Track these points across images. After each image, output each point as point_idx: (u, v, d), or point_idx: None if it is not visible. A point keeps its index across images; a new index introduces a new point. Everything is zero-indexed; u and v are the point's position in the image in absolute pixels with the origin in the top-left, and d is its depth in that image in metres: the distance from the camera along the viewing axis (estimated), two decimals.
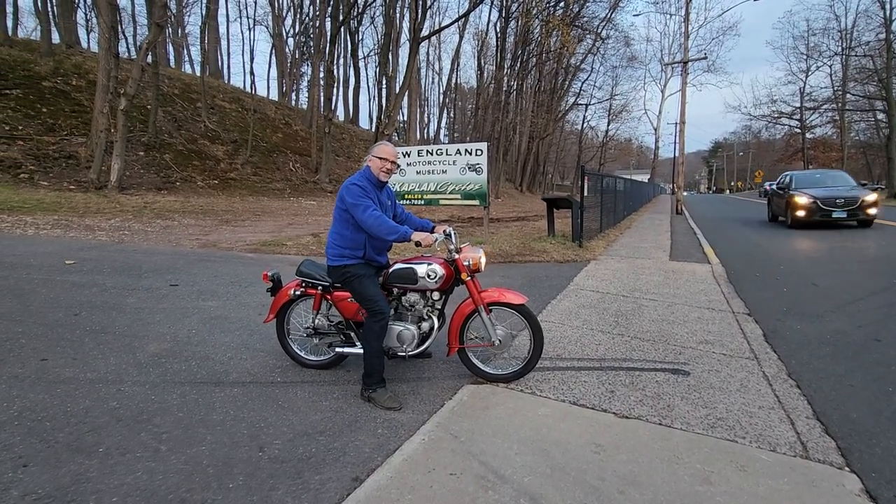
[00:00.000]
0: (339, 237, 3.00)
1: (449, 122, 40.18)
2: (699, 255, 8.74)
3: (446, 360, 3.50)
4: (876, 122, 42.95)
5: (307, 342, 3.41)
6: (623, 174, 33.94)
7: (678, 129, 20.71)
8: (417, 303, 3.11)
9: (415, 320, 3.14)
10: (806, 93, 46.91)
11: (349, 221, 2.93)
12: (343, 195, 2.91)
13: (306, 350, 3.44)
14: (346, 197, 2.88)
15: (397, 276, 3.05)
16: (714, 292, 5.88)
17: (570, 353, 3.79)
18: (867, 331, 4.37)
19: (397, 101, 17.88)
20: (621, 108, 42.42)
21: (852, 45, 38.99)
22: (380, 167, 3.01)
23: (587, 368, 3.48)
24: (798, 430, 2.67)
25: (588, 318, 4.68)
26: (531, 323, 3.08)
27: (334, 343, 3.29)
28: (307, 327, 3.32)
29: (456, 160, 8.94)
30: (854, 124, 46.36)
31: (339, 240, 2.99)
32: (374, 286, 2.96)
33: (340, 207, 2.96)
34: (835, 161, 51.14)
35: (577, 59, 34.12)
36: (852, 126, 46.47)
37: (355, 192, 2.87)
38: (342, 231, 2.98)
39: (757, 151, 77.55)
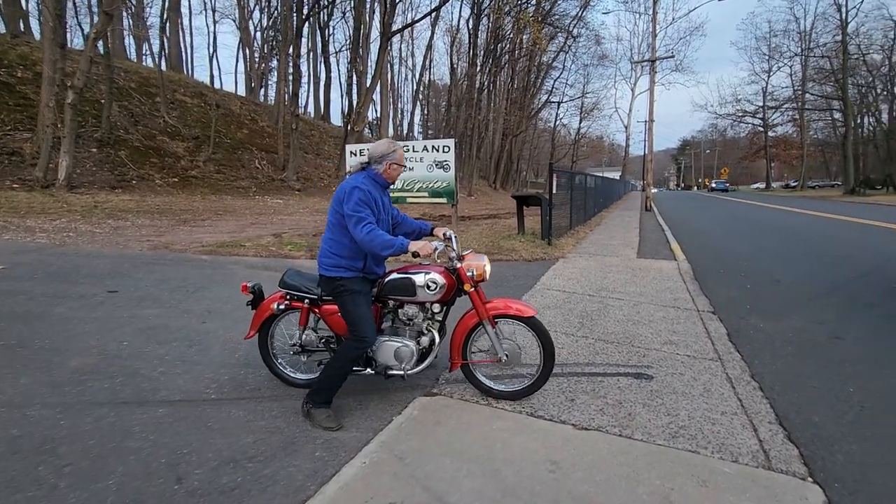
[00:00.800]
0: (336, 245, 2.67)
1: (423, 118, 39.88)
2: (666, 251, 8.76)
3: None
4: (833, 122, 44.78)
5: (295, 359, 3.11)
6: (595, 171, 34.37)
7: (647, 126, 20.99)
8: (416, 316, 2.81)
9: (413, 335, 2.85)
10: (768, 92, 48.57)
11: (345, 227, 2.61)
12: (341, 199, 2.58)
13: (294, 367, 3.13)
14: (344, 203, 2.56)
15: (393, 288, 2.75)
16: (680, 290, 5.84)
17: (531, 358, 3.62)
18: (828, 328, 4.36)
19: (367, 97, 17.50)
20: (593, 106, 42.99)
21: (811, 46, 40.49)
22: (399, 173, 2.82)
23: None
24: (761, 437, 2.56)
25: (552, 320, 4.53)
26: (541, 336, 2.82)
27: (324, 361, 2.99)
28: (293, 344, 3.00)
29: (423, 157, 8.70)
30: (813, 123, 48.21)
31: (337, 248, 2.67)
32: (367, 307, 2.68)
33: (337, 212, 2.62)
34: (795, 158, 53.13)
35: (549, 56, 34.29)
36: (811, 125, 48.32)
37: (355, 201, 2.54)
38: (340, 239, 2.66)
39: (723, 149, 79.90)
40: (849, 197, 30.98)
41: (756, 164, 65.15)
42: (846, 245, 9.36)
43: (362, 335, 2.61)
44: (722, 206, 25.98)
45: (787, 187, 55.41)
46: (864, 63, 39.65)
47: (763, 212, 19.96)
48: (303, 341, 2.97)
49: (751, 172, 75.98)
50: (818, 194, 38.11)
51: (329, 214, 2.73)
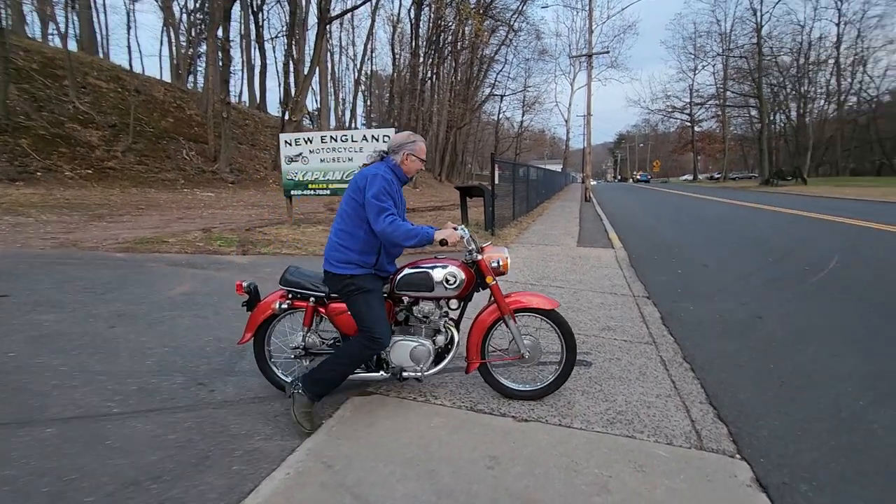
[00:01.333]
0: (349, 238, 2.47)
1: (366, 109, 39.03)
2: (605, 240, 9.03)
3: None
4: (750, 118, 48.54)
5: (294, 365, 2.84)
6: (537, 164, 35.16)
7: (586, 120, 21.65)
8: (432, 313, 2.63)
9: (429, 334, 2.67)
10: (694, 90, 51.81)
11: (366, 220, 2.42)
12: (361, 187, 2.41)
13: (292, 373, 2.86)
14: (369, 189, 2.37)
15: (408, 283, 2.56)
16: (617, 277, 5.99)
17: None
18: (750, 308, 4.60)
19: (305, 86, 16.76)
20: (534, 100, 44.04)
21: (731, 47, 43.54)
22: (418, 167, 2.64)
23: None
24: (693, 417, 2.61)
25: None
26: (563, 330, 2.72)
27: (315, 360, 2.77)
28: (296, 347, 2.72)
29: (363, 147, 8.41)
30: (733, 119, 52.05)
31: (350, 241, 2.47)
32: (380, 306, 2.51)
33: (356, 200, 2.43)
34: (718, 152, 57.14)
35: (491, 49, 34.59)
36: (732, 121, 52.14)
37: (378, 189, 2.37)
38: (354, 231, 2.46)
39: (655, 143, 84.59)
40: (764, 187, 33.70)
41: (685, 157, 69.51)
42: (763, 231, 10.08)
43: (376, 336, 2.43)
44: (654, 196, 27.44)
45: (711, 179, 59.56)
46: (776, 64, 43.21)
47: (691, 201, 21.26)
48: (307, 344, 2.71)
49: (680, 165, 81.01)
50: (738, 185, 41.18)
51: (343, 203, 2.51)
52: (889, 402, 2.73)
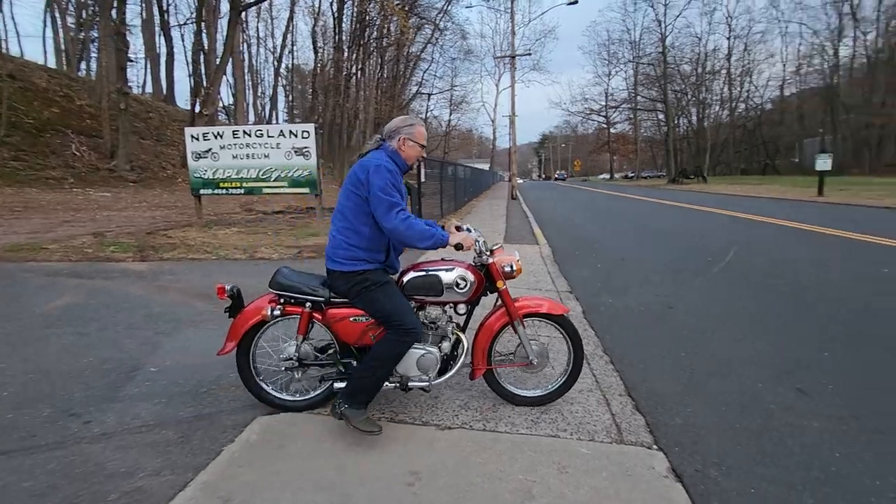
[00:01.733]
0: (353, 235, 2.28)
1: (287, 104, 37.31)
2: (530, 237, 9.24)
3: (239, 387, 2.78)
4: (658, 121, 52.61)
5: (282, 377, 2.60)
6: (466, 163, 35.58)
7: (510, 120, 22.19)
8: (439, 318, 2.51)
9: (436, 340, 2.50)
10: (609, 94, 55.13)
11: (370, 215, 2.24)
12: (361, 181, 2.22)
13: (281, 387, 2.61)
14: (373, 182, 2.18)
15: (417, 287, 2.40)
16: (542, 273, 6.09)
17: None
18: (662, 299, 4.85)
19: (217, 77, 15.59)
20: (461, 100, 44.58)
21: (640, 55, 46.86)
22: (418, 154, 2.42)
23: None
24: (613, 410, 2.63)
25: None
26: (571, 335, 2.64)
27: (327, 376, 2.53)
28: (287, 358, 2.47)
29: (280, 143, 7.91)
30: (644, 122, 56.14)
31: (355, 239, 2.28)
32: (402, 296, 2.35)
33: (358, 195, 2.24)
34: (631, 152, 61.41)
35: (417, 47, 34.49)
36: (642, 124, 56.23)
37: (386, 180, 2.19)
38: (359, 227, 2.27)
39: (576, 143, 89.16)
40: (671, 185, 36.67)
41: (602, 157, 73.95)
42: (672, 225, 10.86)
43: (409, 327, 2.25)
44: (576, 193, 28.85)
45: (626, 177, 63.86)
46: (678, 72, 47.16)
47: (608, 198, 22.58)
48: (300, 355, 2.47)
49: (598, 164, 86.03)
50: (649, 183, 44.47)
51: (342, 198, 2.31)
52: (783, 382, 2.94)
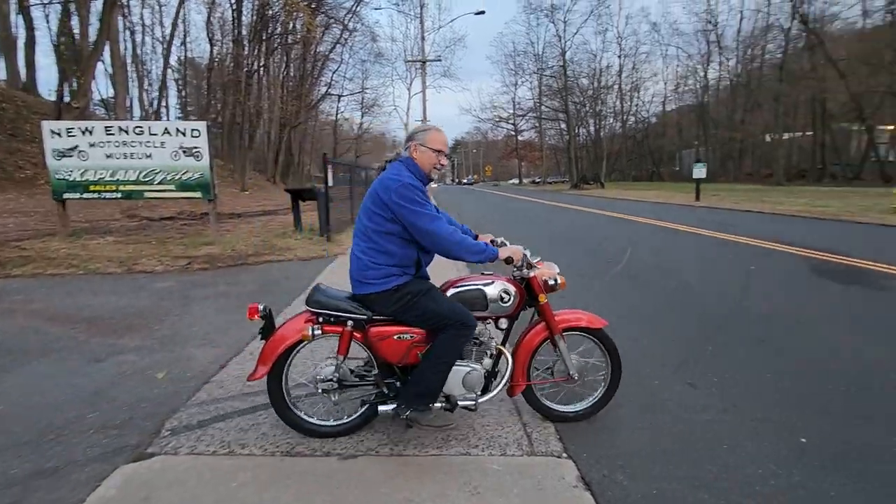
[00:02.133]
0: (380, 255, 2.21)
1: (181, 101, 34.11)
2: None
3: (100, 429, 2.34)
4: (560, 130, 56.12)
5: (318, 401, 2.48)
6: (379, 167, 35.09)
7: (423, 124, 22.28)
8: (482, 334, 2.42)
9: (479, 357, 2.44)
10: (516, 102, 57.76)
11: (397, 235, 2.19)
12: (385, 202, 2.14)
13: (315, 413, 2.44)
14: (398, 201, 2.11)
15: (462, 301, 2.32)
16: (452, 276, 6.04)
17: (294, 377, 3.06)
18: (567, 301, 5.00)
19: (89, 66, 13.68)
20: (373, 103, 43.89)
21: (543, 67, 49.71)
22: (434, 162, 2.29)
23: (311, 394, 2.82)
24: (524, 420, 2.59)
25: None
26: (609, 349, 2.59)
27: (365, 398, 2.39)
28: (326, 380, 2.32)
29: (165, 142, 7.08)
30: (548, 131, 59.60)
31: (382, 259, 2.21)
32: (444, 296, 2.30)
33: (381, 215, 2.18)
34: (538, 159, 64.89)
35: (325, 47, 33.39)
36: (547, 132, 59.67)
37: (413, 195, 2.13)
38: (385, 248, 2.20)
39: (486, 149, 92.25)
40: (573, 190, 39.27)
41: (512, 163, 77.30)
42: (575, 228, 11.50)
43: (463, 320, 2.20)
44: (488, 198, 29.73)
45: (534, 182, 67.33)
46: (577, 86, 50.74)
47: (518, 203, 23.54)
48: (341, 375, 2.34)
49: (508, 170, 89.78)
50: (554, 188, 47.22)
51: (364, 218, 2.24)
52: (676, 377, 3.11)
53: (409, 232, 2.17)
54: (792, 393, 2.87)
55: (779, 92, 38.21)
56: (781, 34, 39.91)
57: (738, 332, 3.92)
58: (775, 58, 41.82)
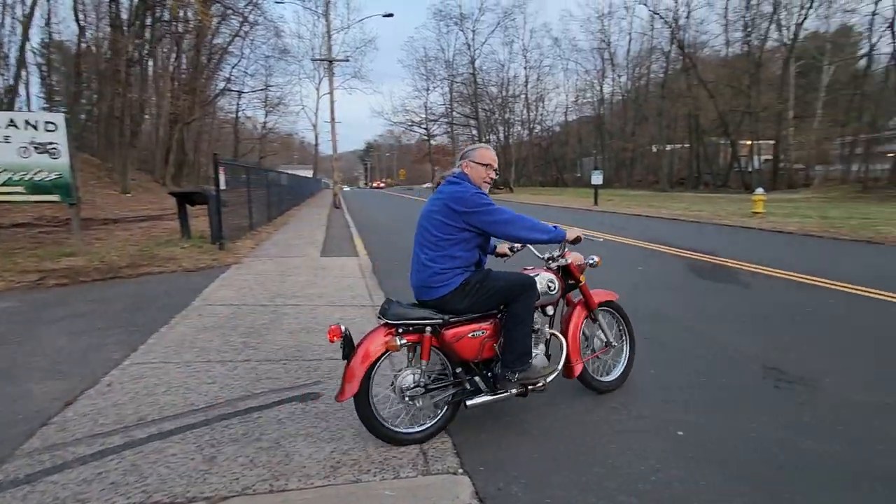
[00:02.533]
0: (447, 260, 2.42)
1: (46, 89, 29.63)
2: (350, 248, 8.90)
3: None
4: (472, 136, 57.59)
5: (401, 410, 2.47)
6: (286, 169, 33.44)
7: (332, 126, 21.54)
8: (535, 322, 2.62)
9: (536, 344, 2.66)
10: (428, 107, 58.25)
11: (465, 240, 2.44)
12: (467, 209, 2.38)
13: (400, 421, 2.46)
14: (473, 209, 2.38)
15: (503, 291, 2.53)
16: (360, 287, 5.82)
17: (165, 409, 2.68)
18: None
19: None
20: (278, 101, 41.59)
21: (454, 74, 50.71)
22: (483, 175, 2.55)
23: (185, 429, 2.48)
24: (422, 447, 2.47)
25: (207, 346, 3.63)
26: (623, 316, 3.11)
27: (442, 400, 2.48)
28: (411, 387, 2.38)
29: (10, 136, 6.01)
30: (460, 136, 60.87)
31: (450, 262, 2.42)
32: (502, 273, 2.53)
33: (451, 224, 2.41)
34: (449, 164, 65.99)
35: (223, 39, 31.03)
36: (459, 137, 60.93)
37: (482, 200, 2.41)
38: (453, 253, 2.43)
39: (400, 153, 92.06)
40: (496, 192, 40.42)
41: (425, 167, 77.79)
42: None
43: (527, 284, 2.50)
44: (400, 202, 29.59)
45: None
46: (487, 94, 52.48)
47: None
48: (426, 381, 2.44)
49: (421, 174, 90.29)
50: None
51: (430, 229, 2.47)
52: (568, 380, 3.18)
53: (486, 231, 2.48)
54: (673, 387, 3.07)
55: (661, 108, 42.70)
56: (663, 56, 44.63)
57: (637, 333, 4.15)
58: (658, 77, 46.66)
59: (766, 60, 36.44)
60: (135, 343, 3.64)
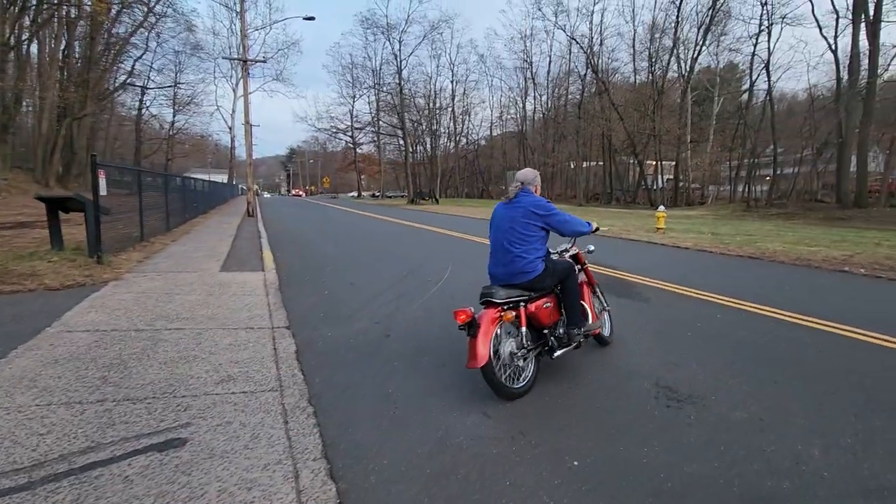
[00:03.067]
0: (532, 252, 3.31)
1: None
2: (256, 261, 8.27)
3: None
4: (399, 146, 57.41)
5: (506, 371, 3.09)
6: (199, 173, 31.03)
7: (246, 129, 20.31)
8: None
9: None
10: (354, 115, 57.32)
11: (542, 237, 3.39)
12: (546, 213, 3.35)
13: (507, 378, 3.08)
14: (550, 212, 3.37)
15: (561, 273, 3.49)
16: (260, 305, 5.35)
17: None
18: (382, 327, 4.77)
19: None
20: (189, 100, 38.59)
21: (381, 83, 50.36)
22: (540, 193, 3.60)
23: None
24: (301, 485, 2.20)
25: (52, 385, 3.05)
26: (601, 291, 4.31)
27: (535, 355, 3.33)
28: (517, 351, 3.14)
29: None
30: (387, 145, 60.49)
31: (533, 253, 3.31)
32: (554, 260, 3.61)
33: (535, 225, 3.34)
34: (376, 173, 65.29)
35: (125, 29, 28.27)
36: (386, 147, 60.52)
37: (552, 206, 3.41)
38: (536, 246, 3.35)
39: (325, 160, 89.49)
40: (410, 205, 40.33)
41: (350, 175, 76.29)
42: (405, 246, 11.53)
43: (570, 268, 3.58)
44: (321, 211, 28.55)
45: (373, 196, 67.49)
46: (414, 104, 52.66)
47: (352, 216, 23.04)
48: (525, 343, 3.19)
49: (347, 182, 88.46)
50: (392, 202, 47.94)
51: (518, 229, 3.32)
52: (473, 407, 3.05)
53: (556, 228, 3.41)
54: (572, 410, 3.04)
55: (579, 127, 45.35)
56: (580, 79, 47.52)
57: None
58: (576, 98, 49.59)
59: (667, 89, 40.13)
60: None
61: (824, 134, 31.78)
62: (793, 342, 4.33)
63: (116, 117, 35.57)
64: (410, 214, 25.84)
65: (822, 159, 34.14)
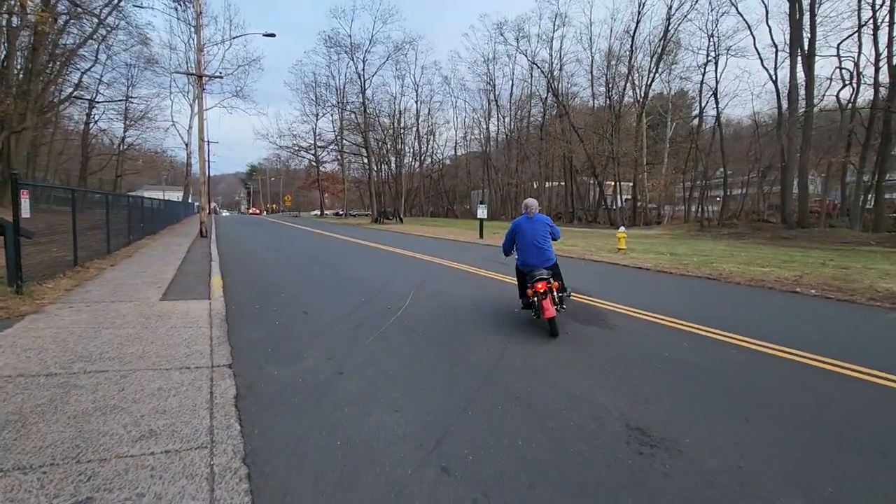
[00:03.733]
0: (550, 248, 5.74)
1: None
2: (203, 287, 7.68)
3: None
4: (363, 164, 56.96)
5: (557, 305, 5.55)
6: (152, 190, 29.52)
7: (200, 146, 19.49)
8: None
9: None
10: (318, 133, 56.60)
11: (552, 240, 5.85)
12: (549, 224, 5.86)
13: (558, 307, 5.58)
14: (552, 223, 5.93)
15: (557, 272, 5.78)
16: (201, 340, 4.86)
17: None
18: (335, 363, 4.38)
19: None
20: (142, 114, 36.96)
21: (344, 102, 50.03)
22: None
23: None
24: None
25: None
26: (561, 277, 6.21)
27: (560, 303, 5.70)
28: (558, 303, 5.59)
29: None
30: (351, 164, 59.91)
31: (552, 249, 5.76)
32: None
33: (548, 231, 5.81)
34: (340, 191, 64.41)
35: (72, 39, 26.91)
36: (350, 165, 59.93)
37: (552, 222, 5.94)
38: (550, 245, 5.77)
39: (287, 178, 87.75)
40: (374, 224, 39.79)
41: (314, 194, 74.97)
42: (366, 268, 11.12)
43: None
44: (281, 231, 27.65)
45: (336, 215, 66.42)
46: (379, 123, 52.57)
47: (313, 237, 22.33)
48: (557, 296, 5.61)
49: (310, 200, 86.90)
50: (356, 222, 47.25)
51: (544, 234, 5.75)
52: (431, 460, 2.73)
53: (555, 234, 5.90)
54: (541, 462, 2.76)
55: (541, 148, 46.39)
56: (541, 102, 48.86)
57: (500, 388, 3.85)
58: (538, 120, 50.89)
59: (624, 113, 41.74)
60: None
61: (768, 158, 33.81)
62: (759, 372, 4.25)
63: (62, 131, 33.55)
64: (374, 234, 25.36)
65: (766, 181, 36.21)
